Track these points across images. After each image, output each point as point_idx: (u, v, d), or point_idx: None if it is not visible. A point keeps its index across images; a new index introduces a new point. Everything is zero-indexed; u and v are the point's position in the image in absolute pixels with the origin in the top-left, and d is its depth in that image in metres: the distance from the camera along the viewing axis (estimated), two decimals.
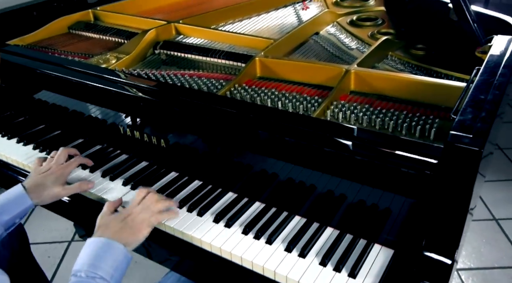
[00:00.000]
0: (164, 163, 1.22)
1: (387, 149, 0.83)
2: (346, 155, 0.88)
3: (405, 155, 0.79)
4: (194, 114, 1.07)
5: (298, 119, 0.98)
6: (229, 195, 1.11)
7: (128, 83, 1.16)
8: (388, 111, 1.04)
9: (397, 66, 1.29)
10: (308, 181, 1.01)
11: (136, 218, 0.98)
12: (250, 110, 1.01)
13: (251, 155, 1.06)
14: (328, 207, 1.00)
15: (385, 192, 0.92)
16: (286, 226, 1.00)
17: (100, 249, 0.90)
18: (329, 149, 0.89)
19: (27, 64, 1.33)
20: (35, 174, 1.12)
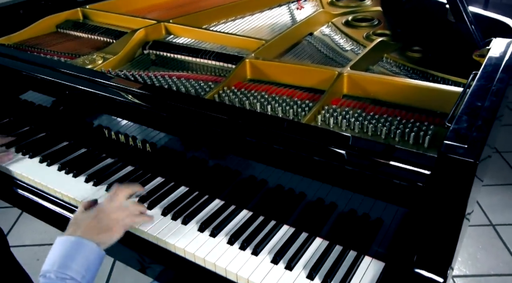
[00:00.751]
0: (150, 168, 1.18)
1: (379, 158, 0.79)
2: (336, 164, 0.84)
3: (397, 165, 0.75)
4: (180, 118, 1.02)
5: (288, 125, 0.93)
6: (216, 202, 1.07)
7: (112, 85, 1.12)
8: (381, 117, 1.00)
9: (392, 68, 1.25)
10: (297, 188, 0.97)
11: (110, 216, 0.94)
12: (238, 116, 0.97)
13: (239, 160, 1.02)
14: (318, 216, 0.96)
15: (377, 201, 0.88)
16: (273, 236, 0.96)
17: (70, 248, 0.86)
18: (319, 158, 0.85)
19: (10, 65, 1.29)
20: None
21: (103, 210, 0.95)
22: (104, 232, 0.91)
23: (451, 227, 0.69)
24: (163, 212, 1.04)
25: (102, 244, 0.90)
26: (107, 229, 0.92)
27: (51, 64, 1.26)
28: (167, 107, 1.04)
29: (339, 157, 0.82)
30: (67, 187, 1.14)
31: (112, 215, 0.95)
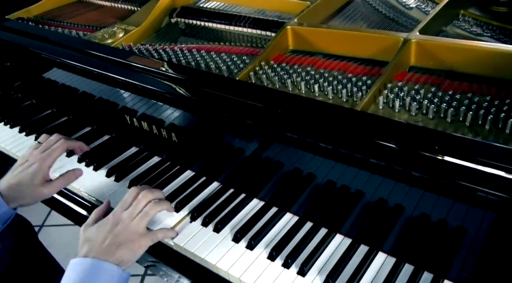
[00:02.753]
0: (177, 160, 1.02)
1: (465, 162, 0.58)
2: (403, 171, 0.63)
3: (493, 173, 0.54)
4: (208, 105, 0.84)
5: (341, 114, 0.73)
6: (254, 202, 0.90)
7: (127, 64, 0.95)
8: (464, 95, 0.77)
9: (472, 29, 0.99)
10: (352, 186, 0.77)
11: (129, 227, 0.77)
12: (277, 103, 0.77)
13: (283, 150, 0.82)
14: (381, 224, 0.76)
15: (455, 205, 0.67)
16: (324, 249, 0.78)
17: (88, 274, 0.72)
18: (379, 162, 0.65)
19: (23, 44, 1.15)
20: (11, 171, 0.93)
21: (122, 220, 0.78)
22: (124, 249, 0.75)
23: None
24: (192, 215, 0.87)
25: (124, 263, 0.75)
26: (128, 245, 0.76)
27: (64, 42, 1.10)
28: (193, 92, 0.86)
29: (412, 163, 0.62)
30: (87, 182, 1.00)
31: (131, 225, 0.78)
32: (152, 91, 0.90)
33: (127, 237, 0.76)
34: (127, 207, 0.81)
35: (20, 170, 0.93)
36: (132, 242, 0.76)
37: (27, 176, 0.91)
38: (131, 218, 0.79)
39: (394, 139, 0.64)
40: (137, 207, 0.81)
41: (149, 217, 0.81)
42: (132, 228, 0.78)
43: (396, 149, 0.64)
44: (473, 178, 0.59)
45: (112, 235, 0.76)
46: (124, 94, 1.00)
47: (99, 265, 0.72)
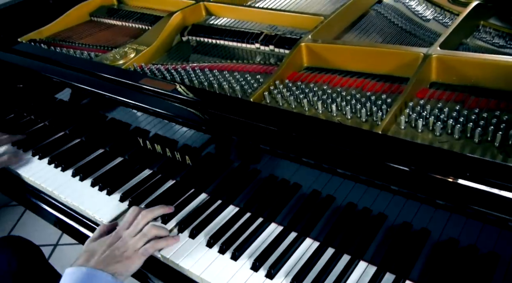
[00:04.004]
0: (192, 183, 0.99)
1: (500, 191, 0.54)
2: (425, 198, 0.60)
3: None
4: (222, 129, 0.82)
5: (361, 139, 0.69)
6: (272, 227, 0.87)
7: (140, 88, 0.93)
8: (491, 113, 0.73)
9: (494, 41, 0.96)
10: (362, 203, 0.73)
11: (127, 244, 0.81)
12: (293, 126, 0.74)
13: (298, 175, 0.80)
14: (405, 249, 0.72)
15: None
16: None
17: (82, 281, 0.74)
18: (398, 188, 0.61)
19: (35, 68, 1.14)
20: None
21: (120, 237, 0.83)
22: (120, 262, 0.78)
23: None
24: (208, 243, 0.85)
25: (119, 275, 0.77)
26: (123, 261, 0.79)
27: (76, 64, 1.08)
28: (206, 115, 0.84)
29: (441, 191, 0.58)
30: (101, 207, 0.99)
31: (130, 242, 0.81)
32: (164, 115, 0.88)
33: (124, 253, 0.80)
34: (128, 226, 0.85)
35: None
36: (128, 259, 0.80)
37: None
38: (131, 236, 0.83)
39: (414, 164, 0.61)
40: (137, 227, 0.85)
41: (146, 238, 0.84)
42: (130, 246, 0.81)
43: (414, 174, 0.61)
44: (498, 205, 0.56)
45: (110, 250, 0.80)
46: (137, 114, 0.98)
47: (94, 274, 0.75)
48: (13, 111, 1.42)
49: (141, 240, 0.82)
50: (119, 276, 0.77)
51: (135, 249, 0.81)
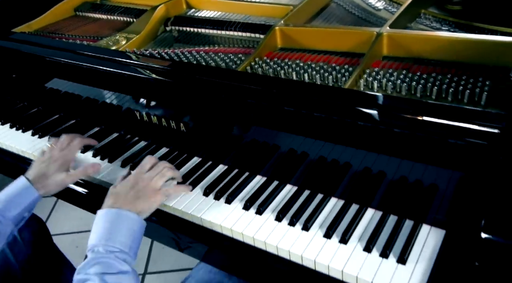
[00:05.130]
0: (185, 148, 1.14)
1: (435, 119, 0.73)
2: (386, 129, 0.78)
3: (460, 125, 0.69)
4: (214, 93, 0.98)
5: (330, 92, 0.88)
6: (257, 179, 1.03)
7: (141, 65, 1.08)
8: (430, 76, 0.93)
9: (432, 25, 1.17)
10: (341, 159, 0.92)
11: (149, 185, 0.94)
12: (275, 85, 0.92)
13: (277, 134, 0.97)
14: (367, 186, 0.91)
15: (429, 167, 0.82)
16: (322, 210, 0.92)
17: (114, 221, 0.86)
18: (366, 124, 0.79)
19: (36, 52, 1.25)
20: (37, 164, 1.05)
21: (142, 179, 0.95)
22: (143, 202, 0.91)
23: None
24: (204, 192, 1.00)
25: (142, 213, 0.90)
26: (146, 198, 0.92)
27: (77, 49, 1.22)
28: (200, 83, 0.99)
29: (394, 123, 0.76)
30: (103, 173, 1.12)
31: (151, 184, 0.94)
32: (163, 85, 1.03)
33: (146, 192, 0.92)
34: (147, 170, 0.97)
35: (46, 163, 1.04)
36: (150, 197, 0.92)
37: (53, 168, 1.04)
38: (150, 178, 0.95)
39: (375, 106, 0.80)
40: (155, 170, 0.97)
41: (165, 178, 0.97)
42: (151, 185, 0.94)
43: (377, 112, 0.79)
44: (436, 129, 0.73)
45: (133, 190, 0.92)
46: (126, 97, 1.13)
47: (123, 214, 0.87)
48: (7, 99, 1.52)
49: (161, 180, 0.95)
50: (143, 214, 0.90)
51: (155, 189, 0.93)
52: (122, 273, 0.80)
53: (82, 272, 0.79)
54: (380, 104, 0.80)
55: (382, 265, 0.78)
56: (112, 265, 0.80)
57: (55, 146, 1.10)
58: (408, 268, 0.77)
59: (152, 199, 0.93)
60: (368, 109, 0.79)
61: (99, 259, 0.80)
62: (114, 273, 0.79)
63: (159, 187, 0.95)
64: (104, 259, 0.80)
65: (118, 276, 0.79)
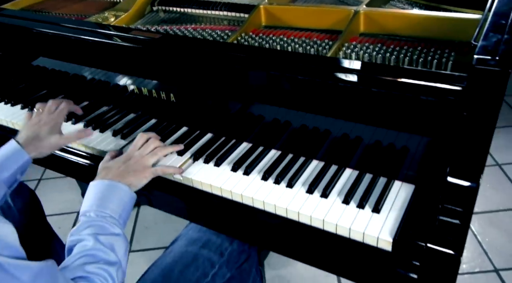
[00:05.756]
0: (174, 119, 1.21)
1: (407, 80, 0.81)
2: (363, 89, 0.86)
3: (429, 84, 0.78)
4: (202, 63, 1.04)
5: (311, 59, 0.96)
6: (244, 145, 1.11)
7: (132, 37, 1.13)
8: (402, 49, 1.02)
9: (404, 7, 1.26)
10: (322, 127, 1.00)
11: (139, 161, 0.98)
12: (261, 54, 0.99)
13: (263, 106, 1.04)
14: (345, 149, 0.99)
15: (401, 133, 0.91)
16: (304, 170, 1.00)
17: (105, 190, 0.90)
18: (344, 84, 0.87)
19: (25, 25, 1.29)
20: (27, 128, 1.08)
21: (134, 156, 1.00)
22: (133, 176, 0.96)
23: (483, 136, 0.72)
24: (194, 157, 1.07)
25: (132, 187, 0.94)
26: (136, 174, 0.96)
27: (66, 23, 1.26)
28: (189, 53, 1.05)
29: (370, 82, 0.85)
30: (95, 141, 1.17)
31: (141, 160, 0.99)
32: (154, 53, 1.09)
33: (137, 168, 0.97)
34: (138, 148, 1.02)
35: (36, 127, 1.08)
36: (140, 172, 0.97)
37: (45, 130, 1.07)
38: (142, 156, 1.00)
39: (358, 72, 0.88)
40: (147, 149, 1.02)
41: (156, 157, 1.01)
42: (142, 162, 0.99)
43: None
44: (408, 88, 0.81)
45: (125, 165, 0.97)
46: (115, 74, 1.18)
47: (114, 184, 0.92)
48: None
49: (152, 158, 1.00)
50: (133, 188, 0.95)
51: (145, 166, 0.98)
52: (114, 235, 0.84)
53: (76, 234, 0.82)
54: (358, 69, 0.88)
55: (359, 214, 0.87)
56: (104, 227, 0.84)
57: (43, 111, 1.13)
58: (382, 216, 0.86)
59: (142, 175, 0.97)
60: (347, 73, 0.87)
61: (91, 222, 0.84)
62: (107, 234, 0.83)
63: (150, 165, 1.00)
64: (96, 222, 0.84)
65: (111, 237, 0.83)
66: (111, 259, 0.78)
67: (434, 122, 0.83)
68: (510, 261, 1.65)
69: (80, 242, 0.80)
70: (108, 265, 0.77)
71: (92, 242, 0.79)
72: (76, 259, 0.77)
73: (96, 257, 0.77)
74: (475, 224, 1.84)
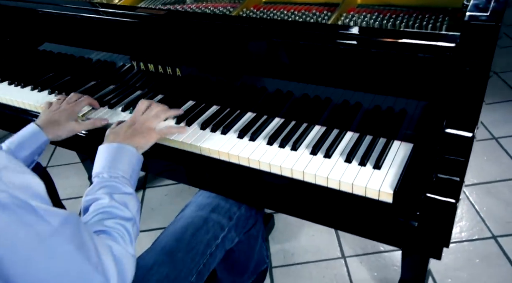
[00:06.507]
0: (180, 93, 1.25)
1: (405, 39, 0.86)
2: (362, 50, 0.91)
3: (425, 43, 0.83)
4: (207, 36, 1.08)
5: (311, 25, 1.00)
6: (248, 114, 1.15)
7: (137, 15, 1.17)
8: (398, 16, 1.07)
9: None
10: (323, 95, 1.05)
11: (145, 124, 1.03)
12: (262, 23, 1.03)
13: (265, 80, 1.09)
14: (346, 115, 1.04)
15: (399, 98, 0.96)
16: (307, 134, 1.05)
17: (115, 153, 0.95)
18: (344, 47, 0.91)
19: (29, 7, 1.32)
20: (47, 113, 1.15)
21: (138, 120, 1.05)
22: (141, 138, 1.01)
23: (478, 87, 0.77)
24: (201, 127, 1.11)
25: (140, 149, 0.99)
26: (143, 135, 1.01)
27: (71, 3, 1.29)
28: (194, 26, 1.09)
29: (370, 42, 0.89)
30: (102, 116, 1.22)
31: (146, 123, 1.04)
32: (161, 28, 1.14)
33: (143, 130, 1.02)
34: (142, 113, 1.07)
35: (56, 113, 1.14)
36: (147, 133, 1.02)
37: (63, 115, 1.13)
38: (146, 119, 1.05)
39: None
40: (150, 112, 1.07)
41: (160, 119, 1.07)
42: (146, 125, 1.04)
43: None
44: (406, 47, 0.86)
45: (131, 129, 1.02)
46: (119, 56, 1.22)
47: (123, 147, 0.96)
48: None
49: (156, 120, 1.05)
50: (140, 149, 1.00)
51: (150, 128, 1.04)
52: (127, 194, 0.89)
53: (91, 194, 0.87)
54: (357, 32, 0.92)
55: (361, 171, 0.92)
56: (117, 187, 0.89)
57: (65, 99, 1.20)
58: (382, 172, 0.91)
59: (148, 137, 1.02)
60: (347, 36, 0.92)
61: (104, 182, 0.89)
62: (120, 193, 0.88)
63: (154, 127, 1.05)
64: (109, 182, 0.89)
65: (124, 196, 0.88)
66: (126, 216, 0.83)
67: (431, 81, 0.87)
68: (506, 227, 1.70)
69: (96, 201, 0.85)
70: (124, 220, 0.82)
71: (107, 200, 0.84)
72: (93, 216, 0.81)
73: (112, 214, 0.82)
74: (473, 194, 1.90)
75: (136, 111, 1.08)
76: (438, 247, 0.84)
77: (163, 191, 2.18)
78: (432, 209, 0.81)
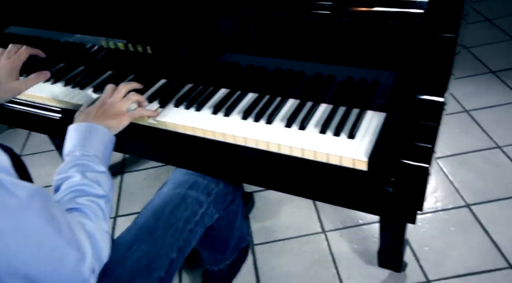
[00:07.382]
0: (152, 71, 1.23)
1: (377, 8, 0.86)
2: (335, 20, 0.91)
3: (394, 10, 0.83)
4: (174, 10, 1.07)
5: None
6: (222, 91, 1.14)
7: None
8: None
9: None
10: (296, 68, 1.05)
11: (116, 106, 1.00)
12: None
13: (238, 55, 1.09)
14: (319, 87, 1.04)
15: (371, 70, 0.97)
16: (281, 108, 1.05)
17: (85, 132, 0.92)
18: (316, 17, 0.91)
19: None
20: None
21: (108, 101, 1.01)
22: (112, 119, 0.98)
23: (447, 51, 0.78)
24: (175, 104, 1.10)
25: (112, 129, 0.97)
26: (115, 116, 0.98)
27: None
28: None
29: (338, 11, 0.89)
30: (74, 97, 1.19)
31: (117, 105, 1.01)
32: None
33: (114, 112, 0.99)
34: (110, 96, 1.03)
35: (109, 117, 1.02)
36: (118, 115, 0.99)
37: (3, 75, 1.08)
38: (116, 101, 1.01)
39: None
40: (118, 94, 1.03)
41: (130, 101, 1.03)
42: (117, 108, 1.00)
43: None
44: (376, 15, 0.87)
45: (102, 109, 0.99)
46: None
47: (94, 126, 0.94)
48: None
49: (126, 103, 1.02)
50: (112, 130, 0.98)
51: (121, 110, 1.00)
52: (99, 172, 0.87)
53: (62, 172, 0.85)
54: (331, 2, 0.92)
55: (335, 141, 0.93)
56: (89, 165, 0.87)
57: (3, 55, 1.14)
58: (356, 141, 0.92)
59: (119, 119, 0.99)
60: (319, 5, 0.91)
61: (76, 161, 0.87)
62: (92, 171, 0.86)
63: (125, 110, 1.01)
64: (81, 161, 0.87)
65: (97, 174, 0.86)
66: (99, 193, 0.82)
67: (402, 49, 0.88)
68: (478, 195, 1.75)
69: (68, 179, 0.83)
70: (97, 197, 0.81)
71: (79, 178, 0.82)
72: (65, 194, 0.80)
73: (85, 192, 0.81)
74: (447, 166, 1.94)
75: (104, 94, 1.05)
76: (412, 211, 0.86)
77: (142, 175, 2.16)
78: (406, 174, 0.83)
